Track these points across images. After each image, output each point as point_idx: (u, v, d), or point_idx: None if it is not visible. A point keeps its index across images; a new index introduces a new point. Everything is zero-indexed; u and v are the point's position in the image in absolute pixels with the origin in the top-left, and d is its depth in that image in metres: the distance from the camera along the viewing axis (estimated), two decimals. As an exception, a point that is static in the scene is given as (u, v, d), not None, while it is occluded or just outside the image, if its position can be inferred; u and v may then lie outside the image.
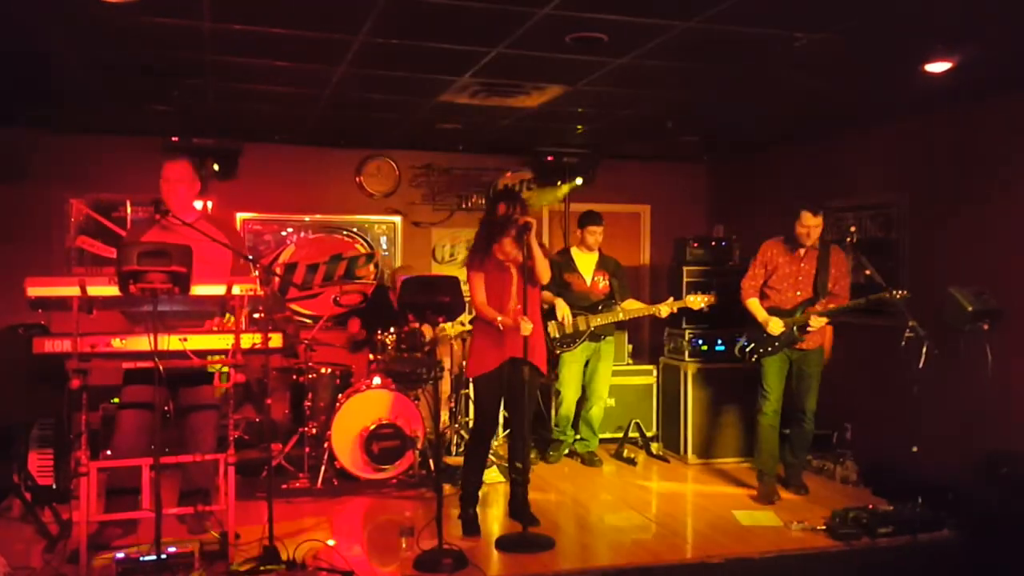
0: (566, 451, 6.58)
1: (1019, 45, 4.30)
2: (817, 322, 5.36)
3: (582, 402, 6.48)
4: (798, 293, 5.47)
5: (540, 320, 4.90)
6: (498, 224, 4.72)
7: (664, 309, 6.18)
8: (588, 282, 6.36)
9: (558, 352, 6.23)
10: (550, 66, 4.78)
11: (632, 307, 6.28)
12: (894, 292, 5.06)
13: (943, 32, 4.11)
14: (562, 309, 6.14)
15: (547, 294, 6.17)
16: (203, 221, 4.60)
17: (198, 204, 4.85)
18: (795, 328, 5.40)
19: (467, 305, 5.98)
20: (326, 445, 5.69)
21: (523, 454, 4.93)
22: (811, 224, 5.31)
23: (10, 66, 4.88)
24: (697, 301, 6.10)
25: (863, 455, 6.03)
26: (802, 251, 5.46)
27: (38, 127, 6.70)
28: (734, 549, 4.54)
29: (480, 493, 4.99)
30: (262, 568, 3.97)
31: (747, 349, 5.57)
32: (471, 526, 4.77)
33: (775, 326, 5.41)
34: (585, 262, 6.41)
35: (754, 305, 5.55)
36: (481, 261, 4.79)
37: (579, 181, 7.69)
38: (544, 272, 4.75)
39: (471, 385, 5.02)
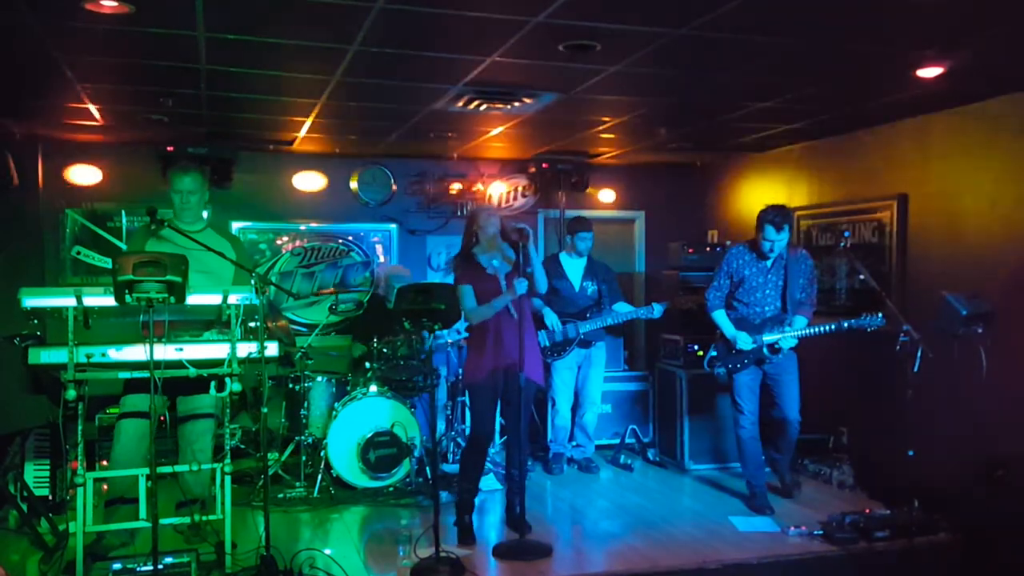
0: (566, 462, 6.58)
1: (1008, 50, 4.33)
2: (787, 343, 5.29)
3: (575, 408, 6.48)
4: (766, 307, 5.36)
5: (534, 331, 4.91)
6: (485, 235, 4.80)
7: (656, 310, 6.15)
8: (577, 288, 6.36)
9: (549, 360, 6.23)
10: (543, 74, 4.80)
11: (622, 311, 6.28)
12: (869, 317, 5.07)
13: (934, 38, 4.14)
14: (550, 318, 6.14)
15: (536, 302, 6.19)
16: (209, 231, 4.62)
17: (205, 213, 4.87)
18: (764, 348, 5.31)
19: (462, 313, 5.98)
20: (322, 453, 5.69)
21: (520, 461, 4.93)
22: (775, 239, 5.18)
23: (3, 75, 4.88)
24: (686, 301, 6.09)
25: (859, 459, 6.03)
26: (770, 260, 5.33)
27: (33, 136, 6.70)
28: (731, 555, 4.55)
29: (477, 501, 4.99)
30: (259, 577, 3.97)
31: (716, 364, 5.48)
32: (466, 535, 4.77)
33: (744, 342, 5.32)
34: (574, 268, 6.41)
35: (721, 318, 5.42)
36: (467, 271, 4.84)
37: None
38: (541, 280, 4.78)
39: (467, 394, 5.02)
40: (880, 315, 5.10)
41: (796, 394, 5.44)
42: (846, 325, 5.20)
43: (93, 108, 5.66)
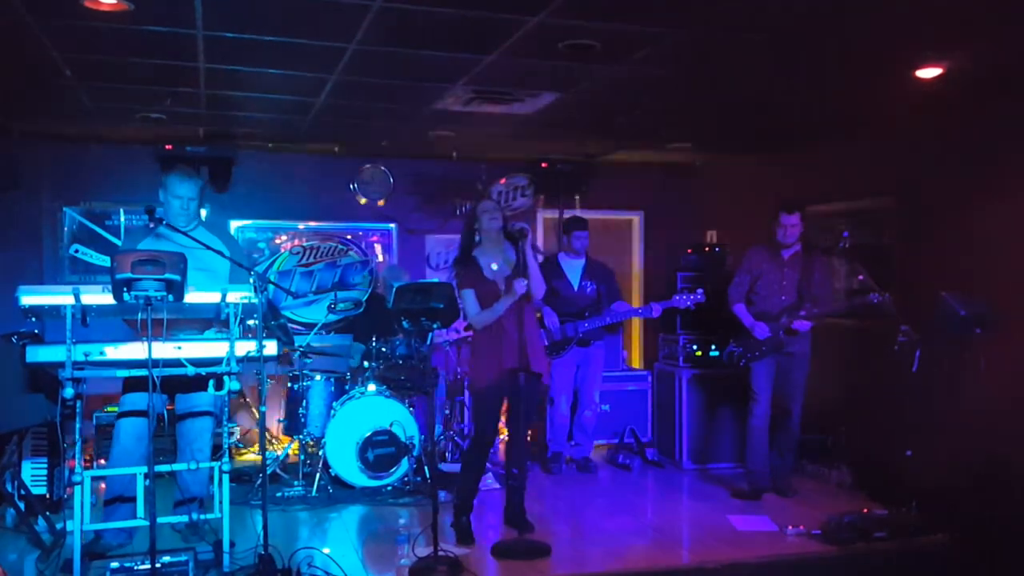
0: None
1: (1007, 50, 4.33)
2: (802, 326, 5.41)
3: (574, 407, 6.48)
4: (783, 298, 5.53)
5: (536, 328, 4.90)
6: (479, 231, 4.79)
7: (655, 309, 6.16)
8: (576, 288, 6.36)
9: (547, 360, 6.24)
10: (543, 73, 4.79)
11: (620, 310, 6.29)
12: (877, 294, 5.13)
13: (933, 38, 4.14)
14: (549, 318, 6.15)
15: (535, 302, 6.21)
16: (200, 228, 4.60)
17: (203, 212, 4.87)
18: (781, 333, 5.45)
19: (461, 313, 5.96)
20: (321, 452, 5.68)
21: (520, 460, 4.92)
22: (788, 224, 5.42)
23: (2, 74, 4.87)
24: (684, 300, 6.12)
25: (858, 459, 6.03)
26: (786, 256, 5.53)
27: (31, 135, 6.69)
28: (730, 554, 4.54)
29: (475, 500, 4.98)
30: (257, 576, 3.97)
31: (735, 355, 5.63)
32: (464, 535, 4.76)
33: (762, 331, 5.49)
34: (572, 268, 6.41)
35: (741, 311, 5.64)
36: (467, 275, 4.80)
37: None
38: (537, 283, 4.75)
39: (471, 395, 4.96)
40: (888, 294, 5.19)
41: (800, 390, 5.57)
42: (857, 301, 5.36)
43: (91, 106, 5.65)
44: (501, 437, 6.25)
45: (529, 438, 5.06)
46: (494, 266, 4.79)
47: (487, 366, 4.76)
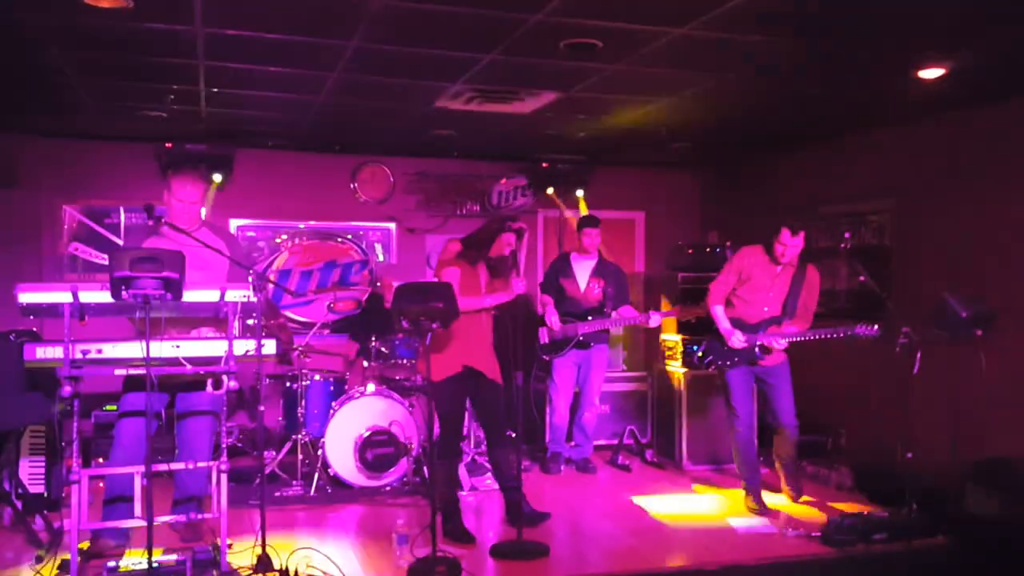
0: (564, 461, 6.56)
1: (1009, 52, 4.32)
2: (778, 345, 5.27)
3: (574, 408, 6.47)
4: (765, 309, 5.34)
5: (490, 332, 4.86)
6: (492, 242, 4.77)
7: (653, 320, 6.11)
8: (582, 288, 6.34)
9: (546, 358, 6.23)
10: (544, 72, 4.79)
11: (623, 316, 6.26)
12: (865, 327, 5.03)
13: (936, 39, 4.13)
14: (551, 316, 6.14)
15: (546, 297, 6.20)
16: (204, 229, 4.59)
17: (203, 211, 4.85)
18: (757, 347, 5.31)
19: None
20: (319, 452, 5.67)
21: (508, 463, 4.87)
22: (789, 243, 5.15)
23: (2, 71, 4.86)
24: (686, 312, 6.09)
25: (858, 461, 6.02)
26: (778, 268, 5.31)
27: (30, 133, 6.68)
28: (729, 556, 4.53)
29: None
30: (255, 576, 3.95)
31: (707, 360, 5.48)
32: (463, 535, 4.72)
33: (737, 340, 5.31)
34: (582, 268, 6.39)
35: (719, 313, 5.43)
36: (459, 258, 4.82)
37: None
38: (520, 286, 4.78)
39: (430, 394, 4.81)
40: (876, 326, 5.05)
41: (791, 400, 5.44)
42: (842, 334, 5.15)
43: (91, 104, 5.64)
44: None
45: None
46: (481, 261, 4.83)
47: (446, 359, 4.73)
